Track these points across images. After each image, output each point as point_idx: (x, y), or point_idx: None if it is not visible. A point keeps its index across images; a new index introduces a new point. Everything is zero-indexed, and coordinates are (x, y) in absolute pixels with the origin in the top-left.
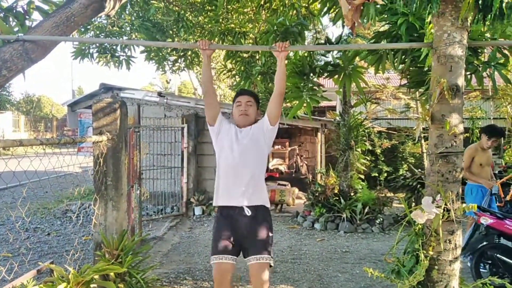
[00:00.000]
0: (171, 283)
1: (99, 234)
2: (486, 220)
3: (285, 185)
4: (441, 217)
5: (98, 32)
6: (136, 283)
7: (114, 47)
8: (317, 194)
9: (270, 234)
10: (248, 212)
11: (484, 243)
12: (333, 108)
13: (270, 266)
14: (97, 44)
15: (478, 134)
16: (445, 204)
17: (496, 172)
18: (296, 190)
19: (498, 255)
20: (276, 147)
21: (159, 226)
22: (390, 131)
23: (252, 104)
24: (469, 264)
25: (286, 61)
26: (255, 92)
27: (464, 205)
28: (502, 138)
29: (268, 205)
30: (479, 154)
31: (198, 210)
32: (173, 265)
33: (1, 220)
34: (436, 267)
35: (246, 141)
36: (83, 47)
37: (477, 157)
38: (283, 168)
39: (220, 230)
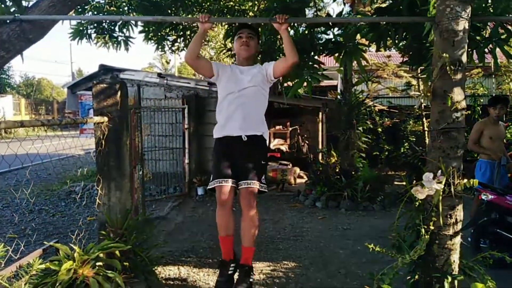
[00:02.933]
0: (175, 260)
1: (103, 214)
2: (487, 196)
3: (286, 164)
4: (441, 192)
5: (95, 12)
6: (141, 261)
7: (112, 27)
8: (318, 173)
9: (263, 162)
10: (244, 138)
11: (485, 218)
12: (334, 88)
13: (264, 192)
14: (95, 25)
15: (480, 112)
16: (446, 180)
17: None
18: (297, 169)
19: (498, 230)
20: (277, 127)
21: (162, 206)
22: (391, 110)
23: (253, 37)
24: (469, 239)
25: None
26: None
27: (465, 180)
28: (504, 116)
29: (266, 136)
30: (489, 128)
31: (200, 190)
32: (177, 244)
33: (6, 202)
34: (436, 241)
35: (247, 77)
36: (81, 28)
37: (487, 130)
38: (284, 148)
39: (219, 157)
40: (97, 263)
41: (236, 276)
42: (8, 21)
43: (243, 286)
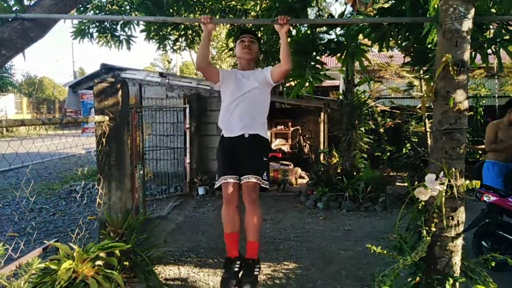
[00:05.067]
0: (176, 260)
1: (104, 213)
2: (489, 197)
3: (288, 165)
4: (444, 194)
5: (97, 12)
6: (141, 260)
7: (114, 26)
8: (320, 174)
9: (265, 159)
10: (246, 135)
11: (487, 220)
12: (336, 88)
13: (266, 189)
14: (97, 24)
15: (482, 113)
16: (449, 181)
17: None
18: (299, 169)
19: (500, 232)
20: (279, 127)
21: (163, 205)
22: (393, 110)
23: (254, 41)
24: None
25: (288, 39)
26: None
27: (467, 182)
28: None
29: (266, 136)
30: (502, 130)
31: (201, 190)
32: (177, 244)
33: (6, 200)
34: (438, 243)
35: (249, 82)
36: (83, 27)
37: (500, 132)
38: (286, 148)
39: (224, 155)
40: (97, 263)
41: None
42: (10, 19)
43: (249, 280)
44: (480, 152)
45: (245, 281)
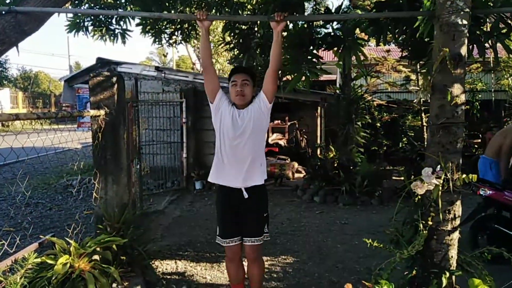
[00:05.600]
0: (173, 254)
1: (100, 207)
2: (485, 191)
3: (284, 159)
4: (440, 187)
5: (92, 5)
6: (138, 255)
7: (109, 20)
8: (316, 168)
9: (265, 214)
10: (245, 195)
11: (483, 214)
12: (333, 82)
13: (266, 239)
14: (92, 17)
15: (478, 107)
16: (445, 175)
17: None
18: (295, 164)
19: (496, 226)
20: (276, 121)
21: (160, 200)
22: (390, 105)
23: (248, 83)
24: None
25: (285, 33)
26: (251, 68)
27: (464, 175)
28: (503, 111)
29: (264, 180)
30: None
31: (198, 185)
32: (174, 238)
33: (2, 195)
34: (435, 237)
35: (245, 124)
36: (78, 20)
37: None
38: (282, 142)
39: (223, 209)
40: (94, 257)
41: None
42: (3, 12)
43: None
44: (476, 146)
45: None
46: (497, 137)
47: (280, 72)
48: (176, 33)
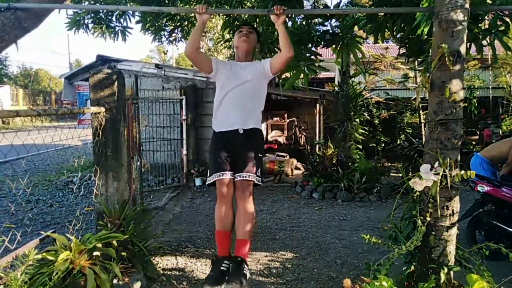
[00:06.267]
0: (173, 250)
1: (101, 204)
2: (482, 187)
3: (283, 156)
4: (439, 184)
5: (92, 1)
6: (138, 251)
7: (109, 17)
8: (315, 165)
9: (259, 155)
10: (241, 131)
11: (480, 210)
12: (331, 80)
13: (258, 185)
14: (92, 14)
15: (476, 104)
16: (443, 171)
17: (494, 141)
18: (294, 161)
19: (493, 222)
20: (275, 119)
21: (160, 196)
22: (388, 102)
23: (253, 32)
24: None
25: None
26: None
27: (462, 172)
28: (500, 109)
29: (261, 129)
30: None
31: (198, 181)
32: (175, 234)
33: (3, 192)
34: (433, 232)
35: (246, 74)
36: (78, 18)
37: None
38: (281, 139)
39: (217, 150)
40: (94, 253)
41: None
42: (2, 9)
43: (237, 278)
44: (473, 143)
45: (233, 279)
46: (501, 144)
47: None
48: (176, 31)
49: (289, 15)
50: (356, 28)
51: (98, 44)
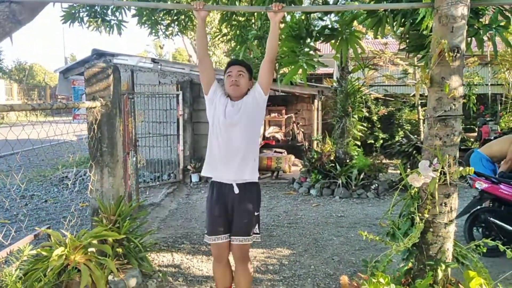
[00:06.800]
0: (169, 247)
1: (96, 200)
2: (480, 184)
3: (281, 152)
4: (437, 180)
5: None
6: (134, 247)
7: (105, 11)
8: (313, 161)
9: (256, 213)
10: (236, 190)
11: (478, 207)
12: (330, 76)
13: (256, 240)
14: (88, 8)
15: (475, 101)
16: (442, 168)
17: (492, 137)
18: (292, 157)
19: (491, 219)
20: (273, 114)
21: (156, 192)
22: (387, 98)
23: (243, 74)
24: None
25: (282, 25)
26: (248, 61)
27: (461, 168)
28: (499, 105)
29: (256, 178)
30: None
31: (195, 177)
32: (171, 230)
33: None
34: (431, 229)
35: (239, 115)
36: (73, 11)
37: None
38: (279, 135)
39: (213, 207)
40: (90, 249)
41: None
42: None
43: None
44: (472, 140)
45: None
46: (501, 141)
47: (277, 64)
48: (172, 25)
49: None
50: (355, 23)
51: (93, 38)
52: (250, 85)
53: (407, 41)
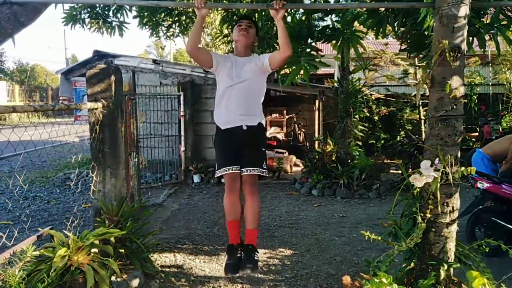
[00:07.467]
0: (172, 247)
1: (98, 201)
2: (482, 184)
3: (283, 153)
4: (439, 180)
5: None
6: (136, 248)
7: (106, 12)
8: (314, 161)
9: (263, 149)
10: (244, 127)
11: (480, 207)
12: (331, 76)
13: (265, 177)
14: (89, 9)
15: (476, 101)
16: (444, 168)
17: (493, 137)
18: (293, 157)
19: (493, 218)
20: (274, 115)
21: (158, 193)
22: (388, 98)
23: (252, 26)
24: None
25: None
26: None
27: (462, 168)
28: (500, 105)
29: (263, 121)
30: None
31: (196, 178)
32: (173, 231)
33: (0, 188)
34: (433, 229)
35: (244, 69)
36: (74, 13)
37: None
38: (280, 136)
39: (224, 145)
40: (92, 250)
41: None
42: None
43: (250, 264)
44: (473, 139)
45: (247, 265)
46: (503, 141)
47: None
48: (173, 26)
49: (289, 10)
50: (356, 23)
51: (95, 39)
52: (256, 40)
53: (408, 41)
